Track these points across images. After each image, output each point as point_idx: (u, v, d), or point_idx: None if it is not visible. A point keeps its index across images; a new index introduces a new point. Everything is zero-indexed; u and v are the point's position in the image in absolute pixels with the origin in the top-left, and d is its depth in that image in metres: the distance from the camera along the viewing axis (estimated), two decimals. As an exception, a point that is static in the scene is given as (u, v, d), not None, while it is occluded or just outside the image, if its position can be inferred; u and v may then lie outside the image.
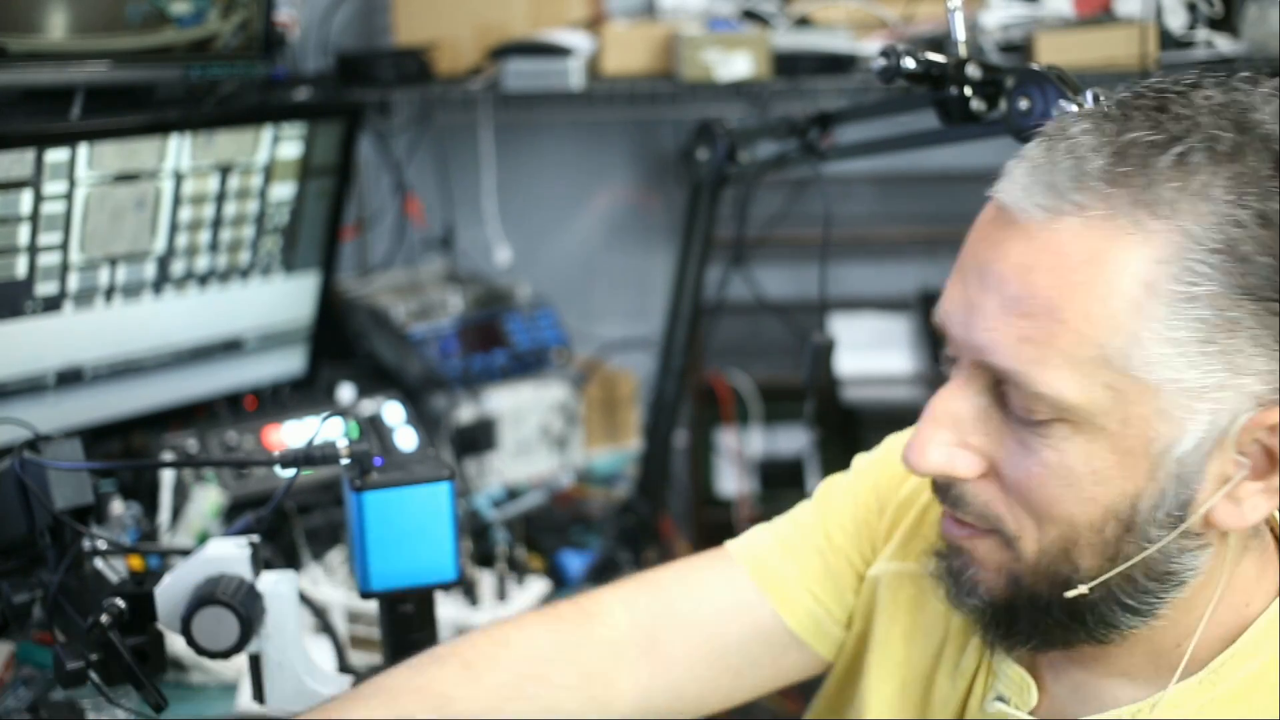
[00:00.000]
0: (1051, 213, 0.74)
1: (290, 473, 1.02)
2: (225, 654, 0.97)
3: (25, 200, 1.55)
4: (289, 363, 2.00)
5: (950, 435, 0.80)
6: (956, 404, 0.80)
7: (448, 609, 1.52)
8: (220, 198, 1.78)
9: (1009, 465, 0.79)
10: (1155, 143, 0.73)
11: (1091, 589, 0.78)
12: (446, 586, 1.00)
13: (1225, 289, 0.71)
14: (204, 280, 1.82)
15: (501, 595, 1.58)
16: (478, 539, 1.73)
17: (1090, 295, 0.73)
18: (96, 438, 1.74)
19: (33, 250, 1.59)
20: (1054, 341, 0.74)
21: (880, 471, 1.06)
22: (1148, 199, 0.72)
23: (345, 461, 0.99)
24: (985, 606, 0.83)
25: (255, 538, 1.02)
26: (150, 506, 1.64)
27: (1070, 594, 0.78)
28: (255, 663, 1.02)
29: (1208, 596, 0.80)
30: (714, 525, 2.54)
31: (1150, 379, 0.73)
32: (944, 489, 0.83)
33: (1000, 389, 0.78)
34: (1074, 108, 1.10)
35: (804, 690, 1.13)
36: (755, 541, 1.07)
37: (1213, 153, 0.72)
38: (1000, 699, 0.90)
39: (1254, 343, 0.72)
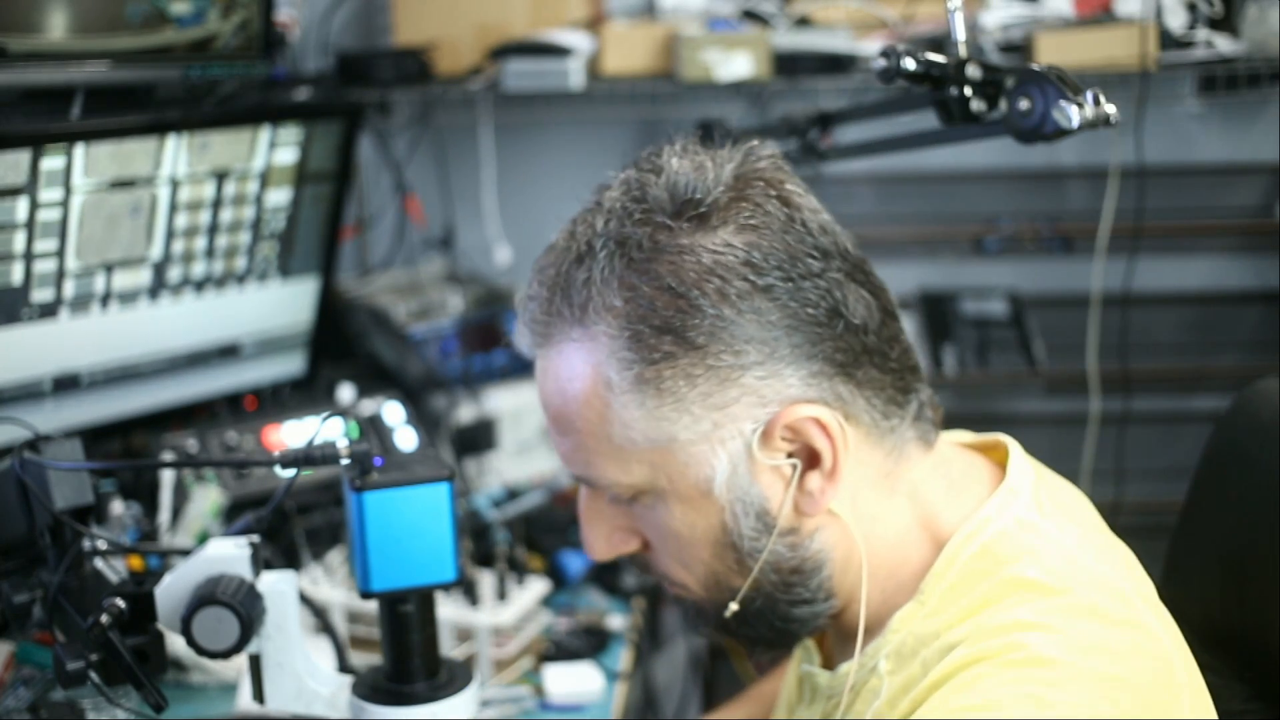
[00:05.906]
0: (539, 349, 0.93)
1: (290, 473, 1.02)
2: (225, 654, 0.97)
3: (21, 207, 1.55)
4: (286, 368, 1.99)
5: (602, 528, 0.97)
6: (593, 503, 0.97)
7: (448, 609, 1.52)
8: (216, 204, 1.78)
9: (646, 536, 0.95)
10: (572, 269, 0.90)
11: (742, 602, 0.93)
12: (446, 586, 1.00)
13: (667, 356, 0.86)
14: (200, 286, 1.82)
15: (501, 595, 1.57)
16: (478, 539, 1.73)
17: (580, 402, 0.89)
18: (96, 438, 1.74)
19: (28, 257, 1.59)
20: (586, 445, 0.90)
21: None
22: (578, 315, 0.89)
23: (345, 461, 0.99)
24: (718, 628, 0.97)
25: (255, 538, 1.02)
26: (150, 506, 1.64)
27: (726, 613, 0.93)
28: (255, 663, 1.02)
29: (859, 559, 0.91)
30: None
31: (659, 443, 0.88)
32: (640, 564, 0.98)
33: None
34: (1074, 108, 1.10)
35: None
36: None
37: (610, 257, 0.88)
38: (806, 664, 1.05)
39: (720, 381, 0.86)
